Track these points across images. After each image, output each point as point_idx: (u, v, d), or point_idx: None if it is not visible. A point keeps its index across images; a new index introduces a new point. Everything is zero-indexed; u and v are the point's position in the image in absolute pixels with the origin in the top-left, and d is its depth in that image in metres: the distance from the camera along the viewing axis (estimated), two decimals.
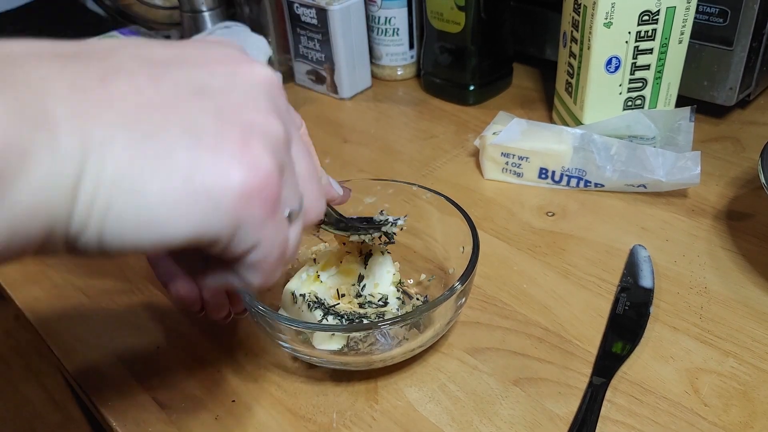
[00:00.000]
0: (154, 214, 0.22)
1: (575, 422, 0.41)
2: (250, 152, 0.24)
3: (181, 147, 0.23)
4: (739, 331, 0.46)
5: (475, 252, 0.44)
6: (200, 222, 0.23)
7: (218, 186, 0.23)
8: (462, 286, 0.42)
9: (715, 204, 0.58)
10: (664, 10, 0.58)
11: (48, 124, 0.20)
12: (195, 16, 0.81)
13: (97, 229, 0.22)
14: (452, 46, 0.74)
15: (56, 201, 0.21)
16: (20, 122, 0.20)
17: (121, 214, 0.22)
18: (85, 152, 0.21)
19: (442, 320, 0.44)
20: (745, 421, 0.41)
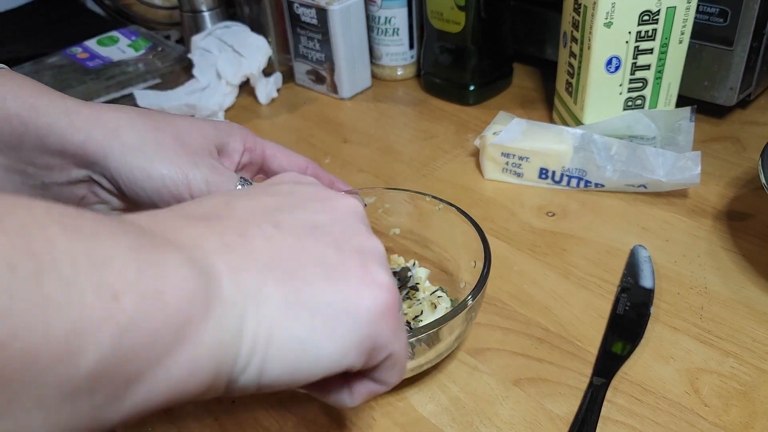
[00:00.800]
0: (307, 346, 0.25)
1: (575, 422, 0.41)
2: (371, 275, 0.27)
3: (318, 278, 0.26)
4: (740, 332, 0.46)
5: (486, 269, 0.43)
6: (347, 346, 0.26)
7: (355, 308, 0.26)
8: (472, 302, 0.41)
9: (716, 204, 0.58)
10: (665, 10, 0.58)
11: (215, 276, 0.23)
12: (195, 15, 0.81)
13: (258, 366, 0.24)
14: (452, 46, 0.74)
15: (227, 344, 0.23)
16: (199, 276, 0.22)
17: (280, 347, 0.24)
18: (244, 299, 0.24)
19: (449, 337, 0.43)
20: (746, 421, 0.41)
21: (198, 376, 0.22)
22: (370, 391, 0.30)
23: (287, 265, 0.25)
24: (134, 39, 0.86)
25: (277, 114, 0.79)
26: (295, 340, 0.25)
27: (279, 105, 0.81)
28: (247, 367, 0.24)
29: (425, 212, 0.51)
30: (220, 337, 0.23)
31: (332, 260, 0.27)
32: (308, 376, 0.25)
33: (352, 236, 0.29)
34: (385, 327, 0.27)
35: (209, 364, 0.23)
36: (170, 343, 0.21)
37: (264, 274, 0.25)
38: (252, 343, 0.24)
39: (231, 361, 0.23)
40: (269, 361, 0.24)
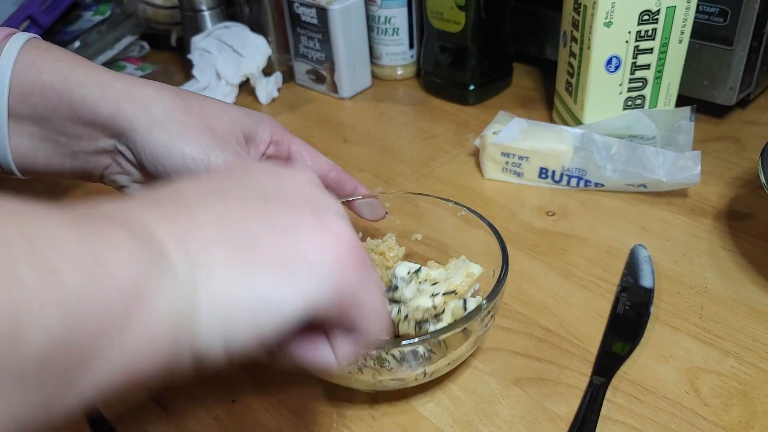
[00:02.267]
0: (267, 300, 0.24)
1: (575, 422, 0.41)
2: (327, 225, 0.27)
3: (268, 234, 0.25)
4: (740, 331, 0.46)
5: (503, 274, 0.42)
6: (309, 294, 0.25)
7: (312, 256, 0.26)
8: (471, 321, 0.40)
9: (716, 204, 0.58)
10: (665, 10, 0.58)
11: (161, 248, 0.23)
12: (195, 15, 0.81)
13: (222, 332, 0.24)
14: (452, 46, 0.74)
15: (181, 310, 0.23)
16: (144, 248, 0.22)
17: (238, 307, 0.24)
18: (193, 264, 0.23)
19: (462, 346, 0.42)
20: (746, 420, 0.41)
21: (155, 349, 0.22)
22: (352, 345, 0.30)
23: (235, 228, 0.25)
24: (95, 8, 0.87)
25: (277, 114, 0.79)
26: (253, 297, 0.24)
27: (279, 105, 0.81)
28: (209, 334, 0.23)
29: (447, 218, 0.50)
30: (174, 307, 0.22)
31: (283, 216, 0.26)
32: (274, 330, 0.25)
33: (303, 194, 0.29)
34: (348, 272, 0.26)
35: (165, 334, 0.22)
36: (121, 318, 0.21)
37: (212, 240, 0.24)
38: (209, 309, 0.23)
39: (189, 331, 0.23)
40: (231, 324, 0.24)
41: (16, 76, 0.38)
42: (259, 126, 0.45)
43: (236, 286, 0.24)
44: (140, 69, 0.85)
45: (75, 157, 0.41)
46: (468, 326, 0.40)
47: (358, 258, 0.27)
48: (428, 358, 0.41)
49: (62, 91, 0.38)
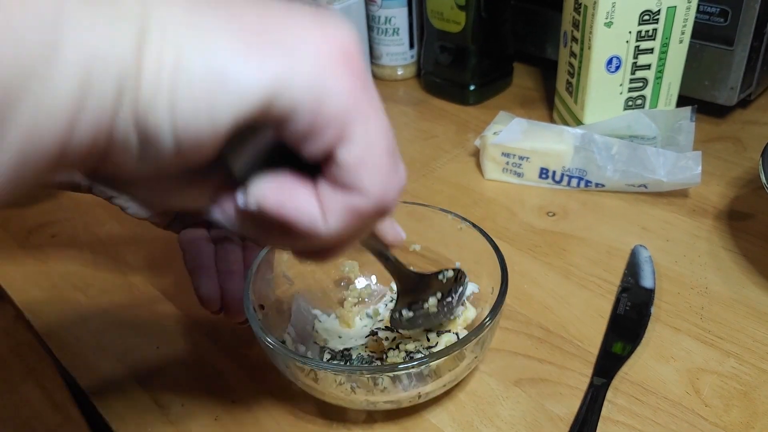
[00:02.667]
0: (225, 70, 0.20)
1: (576, 423, 0.41)
2: (323, 18, 0.22)
3: (250, 9, 0.21)
4: (740, 332, 0.46)
5: (501, 296, 0.40)
6: (277, 77, 0.21)
7: (294, 39, 0.21)
8: (473, 341, 0.38)
9: (717, 204, 0.58)
10: (665, 10, 0.58)
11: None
12: None
13: (168, 94, 0.20)
14: (452, 46, 0.74)
15: (122, 56, 0.19)
16: None
17: (191, 72, 0.20)
18: (145, 8, 0.20)
19: (455, 371, 0.40)
20: (746, 421, 0.40)
21: (91, 92, 0.19)
22: (345, 205, 0.24)
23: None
24: None
25: None
26: (210, 64, 0.20)
27: None
28: (154, 98, 0.20)
29: (447, 230, 0.48)
30: (113, 46, 0.19)
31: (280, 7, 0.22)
32: (230, 110, 0.20)
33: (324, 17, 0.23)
34: (337, 80, 0.21)
35: (102, 78, 0.19)
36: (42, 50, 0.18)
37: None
38: (156, 66, 0.20)
39: (132, 84, 0.20)
40: (180, 88, 0.20)
41: None
42: None
43: (192, 47, 0.20)
44: None
45: None
46: (462, 351, 0.39)
47: (354, 63, 0.22)
48: (422, 381, 0.39)
49: None
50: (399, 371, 0.37)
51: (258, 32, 0.21)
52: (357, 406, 0.41)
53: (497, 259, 0.43)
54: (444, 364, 0.38)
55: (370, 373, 0.38)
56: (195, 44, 0.20)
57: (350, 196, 0.23)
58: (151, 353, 0.48)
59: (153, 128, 0.20)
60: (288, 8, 0.22)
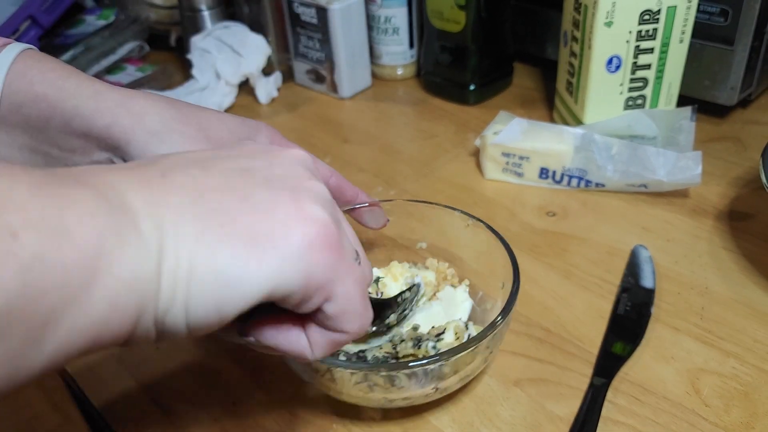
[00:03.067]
0: (229, 275, 0.24)
1: (576, 423, 0.41)
2: (303, 208, 0.27)
3: (241, 213, 0.25)
4: (741, 332, 0.46)
5: (514, 292, 0.41)
6: (273, 275, 0.25)
7: (282, 238, 0.25)
8: (486, 339, 0.39)
9: (717, 204, 0.58)
10: (665, 10, 0.58)
11: (129, 212, 0.23)
12: (194, 15, 0.81)
13: (183, 302, 0.24)
14: (452, 46, 0.74)
15: (145, 278, 0.23)
16: (111, 210, 0.22)
17: (201, 279, 0.24)
18: (161, 233, 0.23)
19: (453, 378, 0.40)
20: (747, 421, 0.40)
21: (118, 313, 0.22)
22: (330, 340, 0.30)
23: (209, 200, 0.25)
24: (99, 12, 0.87)
25: (277, 113, 0.79)
26: (217, 271, 0.24)
27: (279, 104, 0.81)
28: (171, 304, 0.24)
29: (453, 227, 0.48)
30: (138, 271, 0.23)
31: (261, 197, 0.26)
32: (235, 307, 0.25)
33: (289, 178, 0.28)
34: (319, 261, 0.26)
35: (129, 299, 0.22)
36: (83, 279, 0.21)
37: (183, 208, 0.24)
38: (173, 278, 0.23)
39: (152, 297, 0.23)
40: (192, 294, 0.24)
41: (8, 86, 0.37)
42: (256, 134, 0.45)
43: (200, 258, 0.24)
44: (140, 70, 0.85)
45: None
46: (479, 345, 0.39)
47: (332, 243, 0.27)
48: (440, 376, 0.39)
49: (55, 101, 0.38)
50: (414, 368, 0.38)
51: (252, 235, 0.25)
52: (374, 405, 0.42)
53: (506, 254, 0.44)
54: (460, 359, 0.39)
55: (387, 371, 0.38)
56: (204, 256, 0.24)
57: (334, 335, 0.29)
58: (151, 353, 0.48)
59: (170, 326, 0.25)
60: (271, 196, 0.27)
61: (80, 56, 0.78)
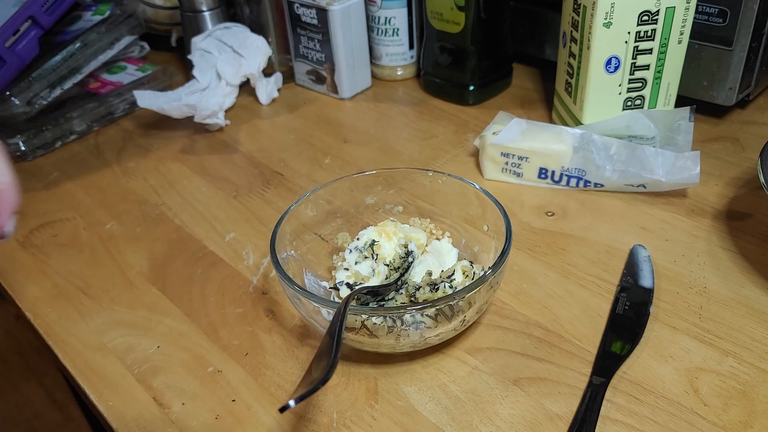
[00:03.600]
0: None
1: (575, 422, 0.41)
2: None
3: None
4: (739, 331, 0.47)
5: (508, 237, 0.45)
6: None
7: None
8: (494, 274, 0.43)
9: (715, 204, 0.58)
10: (664, 10, 0.58)
11: None
12: (195, 16, 0.81)
13: None
14: (452, 46, 0.74)
15: None
16: None
17: None
18: None
19: (472, 309, 0.44)
20: (745, 420, 0.41)
21: None
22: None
23: None
24: (95, 8, 0.87)
25: (277, 114, 0.79)
26: None
27: (279, 105, 0.81)
28: None
29: (424, 186, 0.55)
30: None
31: None
32: None
33: None
34: None
35: None
36: None
37: None
38: None
39: None
40: None
41: None
42: None
43: None
44: (141, 70, 0.85)
45: None
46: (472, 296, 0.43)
47: None
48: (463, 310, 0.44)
49: None
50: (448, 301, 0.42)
51: None
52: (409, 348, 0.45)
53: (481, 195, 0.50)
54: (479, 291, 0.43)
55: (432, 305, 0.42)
56: None
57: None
58: (151, 353, 0.48)
59: None
60: None
61: (77, 53, 0.78)
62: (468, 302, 0.43)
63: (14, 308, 0.55)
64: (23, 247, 0.60)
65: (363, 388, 0.45)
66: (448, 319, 0.43)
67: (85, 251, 0.59)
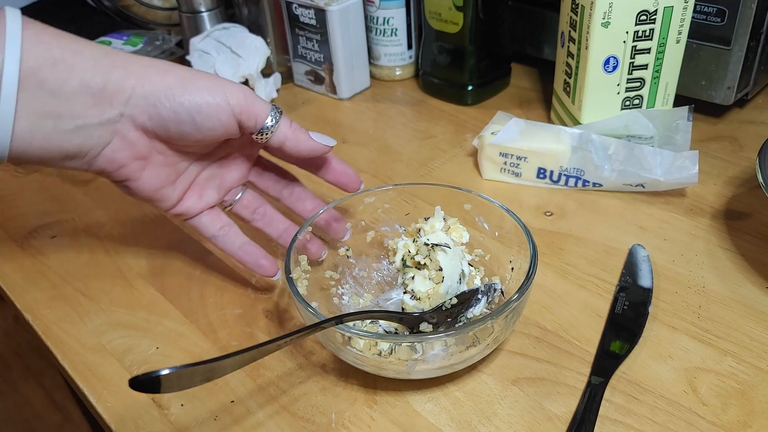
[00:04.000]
0: None
1: (574, 422, 0.41)
2: None
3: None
4: (738, 330, 0.47)
5: (532, 266, 0.43)
6: None
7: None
8: (516, 303, 0.41)
9: (713, 203, 0.58)
10: (662, 10, 0.58)
11: None
12: (194, 16, 0.81)
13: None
14: (450, 47, 0.74)
15: None
16: None
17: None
18: None
19: (490, 339, 0.42)
20: (744, 420, 0.41)
21: None
22: None
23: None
24: (126, 38, 0.87)
25: None
26: None
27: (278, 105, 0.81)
28: None
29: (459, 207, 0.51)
30: None
31: None
32: None
33: None
34: None
35: None
36: None
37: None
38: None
39: None
40: None
41: (25, 50, 0.38)
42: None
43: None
44: None
45: (76, 133, 0.40)
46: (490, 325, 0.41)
47: None
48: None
49: (73, 64, 0.39)
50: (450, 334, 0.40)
51: None
52: (392, 374, 0.43)
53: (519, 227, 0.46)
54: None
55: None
56: None
57: None
58: (150, 354, 0.48)
59: None
60: None
61: None
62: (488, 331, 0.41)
63: (13, 309, 0.55)
64: (22, 249, 0.60)
65: (362, 388, 0.45)
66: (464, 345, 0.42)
67: (83, 252, 0.59)
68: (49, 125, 0.39)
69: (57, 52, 0.39)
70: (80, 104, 0.40)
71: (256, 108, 0.44)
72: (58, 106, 0.39)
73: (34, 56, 0.38)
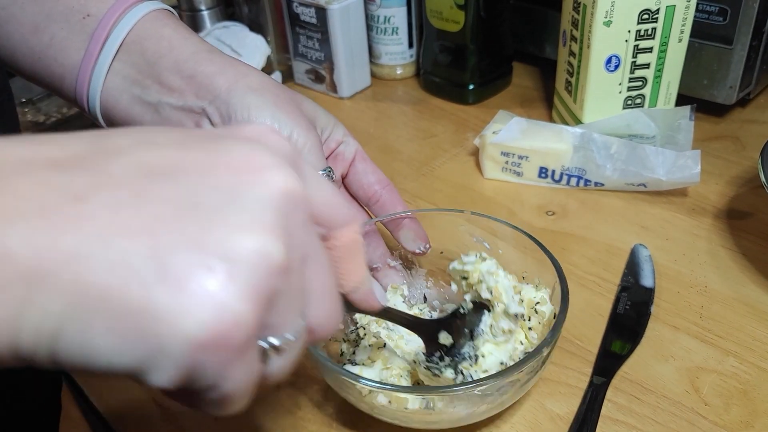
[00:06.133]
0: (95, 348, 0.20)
1: (576, 421, 0.41)
2: (223, 291, 0.20)
3: (139, 278, 0.19)
4: (740, 330, 0.46)
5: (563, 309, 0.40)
6: (143, 360, 0.20)
7: (168, 328, 0.19)
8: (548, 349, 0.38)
9: (716, 203, 0.58)
10: (664, 9, 0.58)
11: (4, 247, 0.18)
12: (194, 15, 0.81)
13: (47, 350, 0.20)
14: (452, 45, 0.74)
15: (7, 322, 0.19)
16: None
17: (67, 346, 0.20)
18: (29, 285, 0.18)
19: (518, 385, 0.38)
20: (746, 420, 0.40)
21: None
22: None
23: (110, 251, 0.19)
24: None
25: None
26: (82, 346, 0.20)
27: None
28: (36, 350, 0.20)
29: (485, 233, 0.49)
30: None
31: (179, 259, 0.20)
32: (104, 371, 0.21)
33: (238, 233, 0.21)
34: (205, 360, 0.20)
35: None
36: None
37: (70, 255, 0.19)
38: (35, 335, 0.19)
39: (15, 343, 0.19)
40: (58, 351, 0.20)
41: (143, 21, 0.43)
42: (335, 126, 0.50)
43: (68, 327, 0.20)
44: None
45: (157, 110, 0.43)
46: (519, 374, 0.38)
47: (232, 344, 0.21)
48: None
49: (176, 45, 0.43)
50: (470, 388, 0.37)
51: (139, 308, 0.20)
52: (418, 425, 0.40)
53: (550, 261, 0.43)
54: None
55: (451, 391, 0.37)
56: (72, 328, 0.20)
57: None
58: None
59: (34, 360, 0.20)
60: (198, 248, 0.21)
61: None
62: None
63: None
64: None
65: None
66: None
67: None
68: (136, 91, 0.43)
69: (167, 31, 0.43)
70: (168, 82, 0.43)
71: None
72: (149, 78, 0.43)
73: (147, 27, 0.43)
